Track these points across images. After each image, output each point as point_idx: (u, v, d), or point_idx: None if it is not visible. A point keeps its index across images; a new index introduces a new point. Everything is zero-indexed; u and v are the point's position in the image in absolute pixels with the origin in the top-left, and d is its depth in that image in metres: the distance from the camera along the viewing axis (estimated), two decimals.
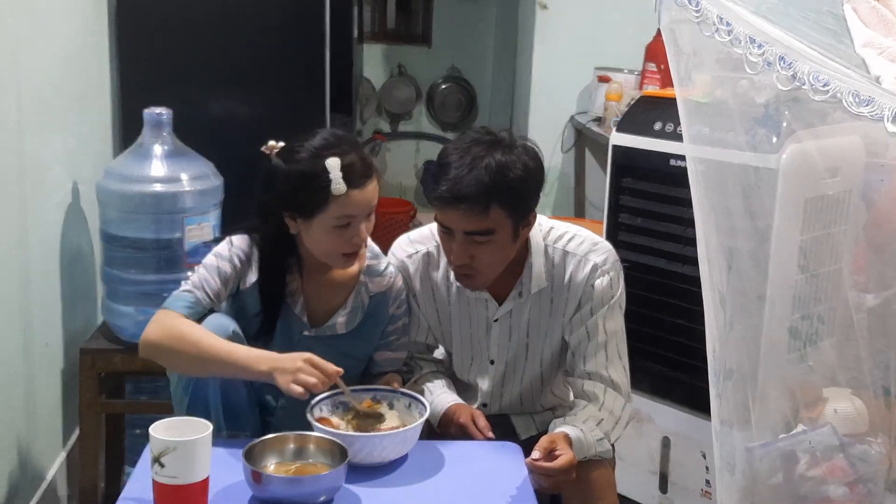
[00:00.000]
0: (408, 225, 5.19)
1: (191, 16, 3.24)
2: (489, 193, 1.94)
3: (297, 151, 1.99)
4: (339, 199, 1.95)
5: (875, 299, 1.88)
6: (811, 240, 2.00)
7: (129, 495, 1.77)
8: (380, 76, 5.94)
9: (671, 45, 1.78)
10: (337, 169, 1.94)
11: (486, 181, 1.93)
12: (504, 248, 2.03)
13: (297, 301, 2.10)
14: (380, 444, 1.86)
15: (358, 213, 1.99)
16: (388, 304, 2.19)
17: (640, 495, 2.88)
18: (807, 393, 1.96)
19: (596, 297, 2.11)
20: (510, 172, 1.95)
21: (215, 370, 1.93)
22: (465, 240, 2.00)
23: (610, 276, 2.12)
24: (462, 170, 1.95)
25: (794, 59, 1.57)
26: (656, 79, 3.76)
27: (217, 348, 1.91)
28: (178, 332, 1.94)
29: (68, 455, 2.77)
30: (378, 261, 2.18)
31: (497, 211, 1.96)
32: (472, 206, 1.94)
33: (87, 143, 2.95)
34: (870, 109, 1.54)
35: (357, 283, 2.14)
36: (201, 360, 1.91)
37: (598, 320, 2.11)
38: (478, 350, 2.22)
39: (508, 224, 2.00)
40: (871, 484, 1.91)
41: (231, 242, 2.07)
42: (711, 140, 1.81)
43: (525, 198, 2.01)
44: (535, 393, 2.25)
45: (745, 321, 1.87)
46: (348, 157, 1.96)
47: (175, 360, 1.97)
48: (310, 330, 2.12)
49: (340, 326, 2.13)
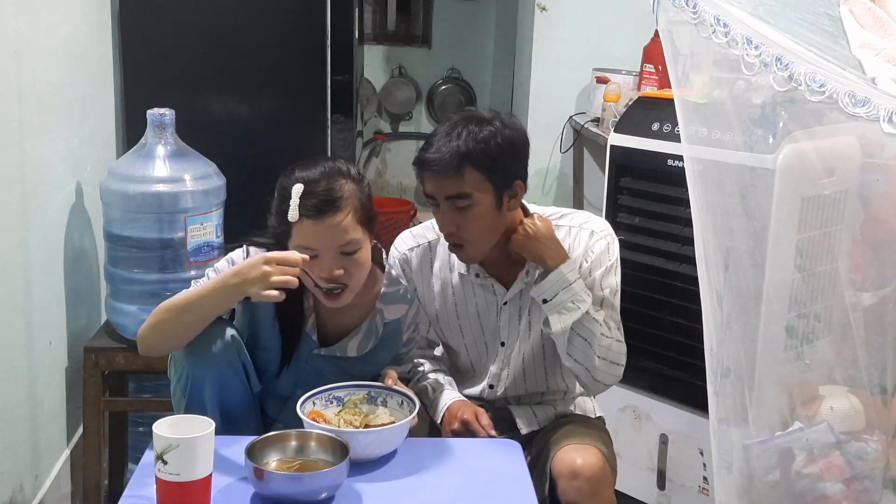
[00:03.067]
0: (408, 225, 5.20)
1: (194, 17, 3.25)
2: (461, 156, 2.02)
3: (288, 170, 1.99)
4: (296, 226, 1.92)
5: (871, 298, 1.90)
6: (808, 239, 2.02)
7: (133, 492, 1.78)
8: (380, 77, 5.96)
9: (669, 47, 1.79)
10: (297, 195, 1.90)
11: (459, 144, 2.03)
12: (488, 215, 2.07)
13: (309, 319, 2.10)
14: (364, 441, 1.86)
15: (316, 247, 1.93)
16: (402, 331, 2.18)
17: (638, 492, 2.90)
18: (803, 391, 1.97)
19: (594, 260, 2.16)
20: (483, 137, 2.04)
21: (196, 316, 1.92)
22: (449, 207, 2.06)
23: (607, 241, 2.18)
24: (440, 138, 2.06)
25: (790, 59, 1.59)
26: (654, 80, 3.77)
27: (186, 295, 1.93)
28: (156, 310, 1.96)
29: (72, 452, 2.78)
30: (396, 288, 2.16)
31: (472, 173, 2.03)
32: (446, 169, 2.02)
33: (90, 143, 2.96)
34: (866, 110, 1.56)
35: (373, 310, 2.13)
36: (178, 314, 1.93)
37: (596, 279, 2.16)
38: (489, 334, 2.25)
39: (488, 188, 2.05)
40: (867, 481, 1.93)
41: (247, 251, 2.06)
42: (709, 140, 1.83)
43: (501, 162, 2.06)
44: (538, 374, 2.26)
45: (742, 320, 1.88)
46: (317, 186, 1.92)
47: (163, 333, 1.96)
48: (319, 349, 2.11)
49: (351, 349, 2.12)
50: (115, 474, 2.83)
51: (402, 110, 6.02)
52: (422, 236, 2.28)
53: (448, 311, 2.26)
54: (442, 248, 2.24)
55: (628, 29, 4.15)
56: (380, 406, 2.03)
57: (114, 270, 2.64)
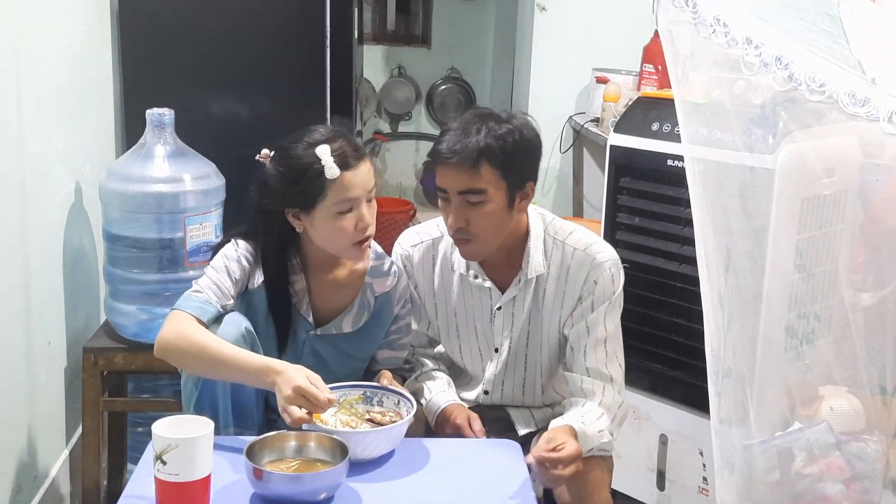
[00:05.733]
0: (408, 224, 5.20)
1: (193, 17, 3.25)
2: (480, 151, 2.01)
3: (288, 149, 2.03)
4: (334, 183, 1.99)
5: (871, 298, 1.90)
6: (808, 239, 2.01)
7: (132, 493, 1.78)
8: (380, 77, 5.96)
9: (669, 47, 1.79)
10: (327, 154, 1.98)
11: (478, 139, 2.02)
12: (499, 213, 2.06)
13: (303, 301, 2.13)
14: (363, 441, 1.86)
15: (356, 196, 2.01)
16: (393, 304, 2.21)
17: (638, 492, 2.89)
18: (803, 391, 1.97)
19: (598, 292, 2.13)
20: (502, 135, 2.03)
21: (223, 375, 1.96)
22: (461, 202, 2.05)
23: (611, 272, 2.14)
24: (457, 132, 2.04)
25: (790, 59, 1.59)
26: (654, 80, 3.77)
27: (222, 354, 1.93)
28: (188, 335, 1.96)
29: (71, 453, 2.78)
30: (382, 261, 2.20)
31: (488, 170, 2.02)
32: (463, 162, 2.01)
33: (89, 143, 2.96)
34: (866, 110, 1.56)
35: (363, 284, 2.17)
36: (209, 365, 1.94)
37: (598, 316, 2.13)
38: (483, 339, 2.25)
39: (502, 187, 2.04)
40: (867, 481, 1.92)
41: (237, 244, 2.09)
42: (708, 140, 1.83)
43: (517, 161, 2.05)
44: (535, 384, 2.26)
45: (742, 320, 1.88)
46: (336, 142, 2.01)
47: (185, 363, 2.00)
48: (315, 329, 2.14)
49: (346, 326, 2.16)
50: (114, 475, 2.83)
51: (402, 110, 6.02)
52: (426, 233, 2.28)
53: (446, 310, 2.26)
54: (444, 246, 2.24)
55: (628, 29, 4.15)
56: (376, 406, 2.03)
57: (113, 270, 2.64)
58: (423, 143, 6.08)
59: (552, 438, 1.93)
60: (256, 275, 2.09)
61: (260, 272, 2.09)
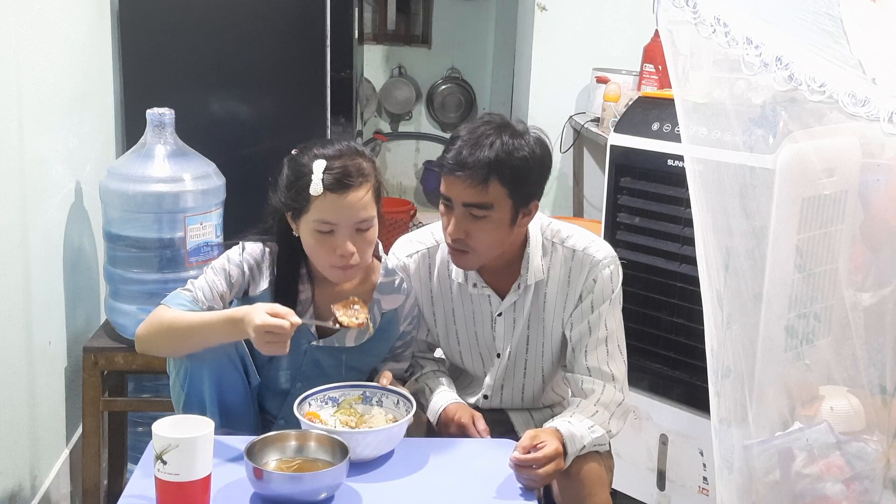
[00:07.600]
0: (408, 224, 5.20)
1: (193, 16, 3.25)
2: (491, 166, 1.98)
3: (301, 151, 2.03)
4: (317, 200, 1.96)
5: (871, 298, 1.90)
6: (808, 239, 2.02)
7: (132, 492, 1.78)
8: (380, 77, 5.96)
9: (669, 46, 1.79)
10: (319, 169, 1.95)
11: (490, 155, 1.99)
12: (500, 229, 2.05)
13: (307, 311, 2.10)
14: (363, 441, 1.86)
15: (335, 221, 1.96)
16: (399, 321, 2.19)
17: (638, 492, 2.89)
18: (803, 391, 1.98)
19: (597, 291, 2.13)
20: (514, 152, 2.00)
21: (199, 342, 1.95)
22: (464, 213, 2.03)
23: (610, 270, 2.14)
24: (469, 143, 2.01)
25: (790, 59, 1.59)
26: (654, 80, 3.77)
27: (189, 322, 1.94)
28: (159, 318, 1.97)
29: (71, 452, 2.78)
30: (392, 278, 2.17)
31: (497, 187, 2.00)
32: (473, 176, 1.98)
33: (89, 142, 2.96)
34: (866, 110, 1.56)
35: (370, 300, 2.14)
36: (181, 339, 1.95)
37: (599, 315, 2.13)
38: (484, 345, 2.24)
39: (508, 204, 2.02)
40: (867, 481, 1.92)
41: (243, 248, 2.08)
42: (709, 140, 1.83)
43: (526, 180, 2.03)
44: (535, 388, 2.27)
45: (742, 320, 1.88)
46: (338, 161, 1.97)
47: (162, 347, 2.00)
48: (317, 340, 2.12)
49: (349, 340, 2.13)
50: (115, 474, 2.83)
51: (402, 110, 6.02)
52: (420, 242, 2.25)
53: (445, 318, 2.25)
54: (440, 254, 2.22)
55: (628, 29, 4.16)
56: (375, 406, 2.03)
57: (113, 270, 2.64)
58: (424, 143, 6.09)
59: (535, 436, 1.94)
60: (260, 281, 2.07)
61: (264, 279, 2.07)
